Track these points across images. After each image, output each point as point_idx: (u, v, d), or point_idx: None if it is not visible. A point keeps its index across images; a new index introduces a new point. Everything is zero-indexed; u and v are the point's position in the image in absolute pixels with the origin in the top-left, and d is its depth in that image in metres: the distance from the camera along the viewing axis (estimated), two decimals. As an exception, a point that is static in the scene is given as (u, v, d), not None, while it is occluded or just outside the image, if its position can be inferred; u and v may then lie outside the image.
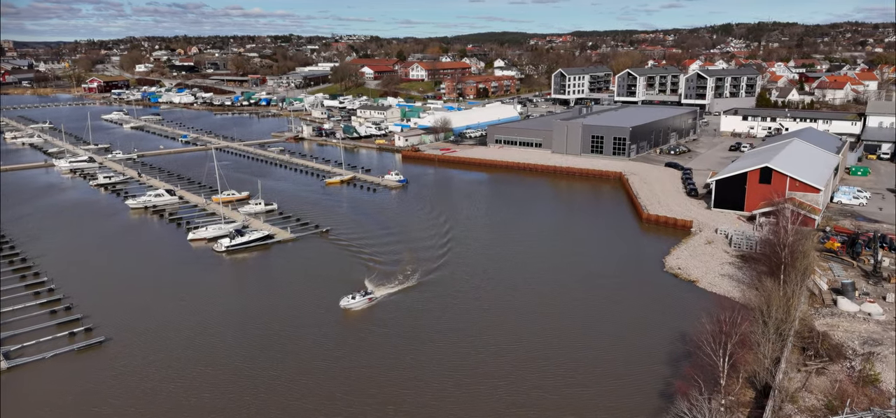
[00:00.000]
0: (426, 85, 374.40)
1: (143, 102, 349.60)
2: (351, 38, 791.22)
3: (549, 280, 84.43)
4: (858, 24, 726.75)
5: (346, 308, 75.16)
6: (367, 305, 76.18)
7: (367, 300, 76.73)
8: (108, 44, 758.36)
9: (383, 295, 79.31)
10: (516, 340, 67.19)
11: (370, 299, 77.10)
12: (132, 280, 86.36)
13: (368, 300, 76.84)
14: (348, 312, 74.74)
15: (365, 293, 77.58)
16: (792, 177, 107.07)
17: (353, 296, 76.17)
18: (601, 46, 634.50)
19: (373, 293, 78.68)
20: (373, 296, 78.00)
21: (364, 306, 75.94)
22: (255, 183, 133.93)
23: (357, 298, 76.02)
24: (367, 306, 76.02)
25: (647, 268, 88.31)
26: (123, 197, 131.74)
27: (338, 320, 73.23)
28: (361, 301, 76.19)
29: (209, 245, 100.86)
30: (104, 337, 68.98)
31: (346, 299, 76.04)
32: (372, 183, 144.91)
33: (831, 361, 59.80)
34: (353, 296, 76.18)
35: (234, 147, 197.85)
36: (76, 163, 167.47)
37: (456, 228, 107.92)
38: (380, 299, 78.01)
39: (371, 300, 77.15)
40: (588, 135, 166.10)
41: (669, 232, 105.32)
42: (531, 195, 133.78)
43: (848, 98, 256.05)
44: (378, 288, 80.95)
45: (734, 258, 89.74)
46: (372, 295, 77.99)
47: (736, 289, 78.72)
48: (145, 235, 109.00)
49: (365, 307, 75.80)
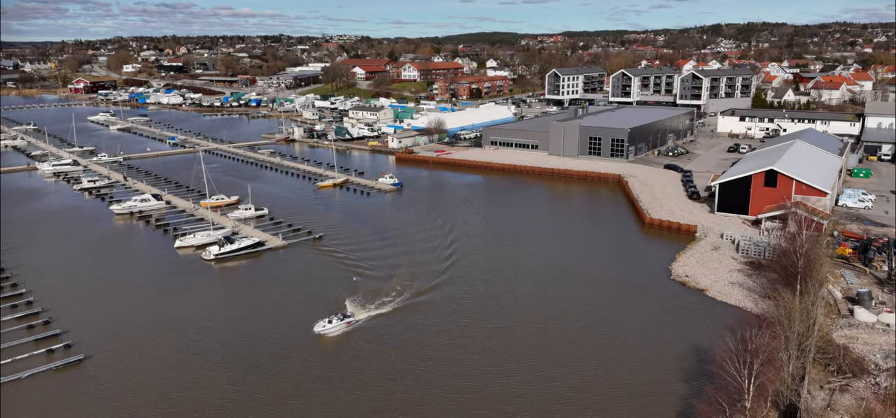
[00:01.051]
0: (418, 85, 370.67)
1: (130, 103, 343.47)
2: (341, 38, 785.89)
3: (552, 292, 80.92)
4: (847, 25, 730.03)
5: (321, 334, 68.13)
6: (346, 330, 69.27)
7: (346, 324, 69.58)
8: (96, 44, 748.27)
9: (365, 318, 72.22)
10: (520, 357, 63.69)
11: (349, 323, 69.94)
12: (115, 292, 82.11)
13: (347, 324, 69.69)
14: (323, 339, 67.83)
15: (343, 316, 70.39)
16: (798, 180, 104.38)
17: (329, 320, 69.21)
18: (592, 47, 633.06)
19: (353, 316, 71.78)
20: (353, 319, 71.01)
21: (342, 331, 68.93)
22: (245, 186, 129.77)
23: (334, 322, 68.97)
24: (345, 331, 69.10)
25: (653, 276, 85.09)
26: (108, 202, 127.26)
27: (313, 345, 66.56)
28: (339, 325, 69.03)
29: (197, 253, 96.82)
30: (83, 354, 64.87)
31: (322, 324, 68.89)
32: (365, 186, 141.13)
33: (854, 377, 56.81)
34: (330, 320, 69.22)
35: (223, 149, 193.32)
36: (60, 166, 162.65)
37: (454, 236, 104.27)
38: (361, 322, 70.91)
39: (350, 324, 69.99)
40: (585, 136, 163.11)
41: (673, 237, 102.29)
42: (529, 199, 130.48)
43: (844, 98, 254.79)
44: (361, 309, 74.04)
45: (743, 265, 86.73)
46: (351, 318, 71.00)
47: (748, 298, 75.69)
48: (130, 243, 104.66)
49: (343, 332, 68.87)
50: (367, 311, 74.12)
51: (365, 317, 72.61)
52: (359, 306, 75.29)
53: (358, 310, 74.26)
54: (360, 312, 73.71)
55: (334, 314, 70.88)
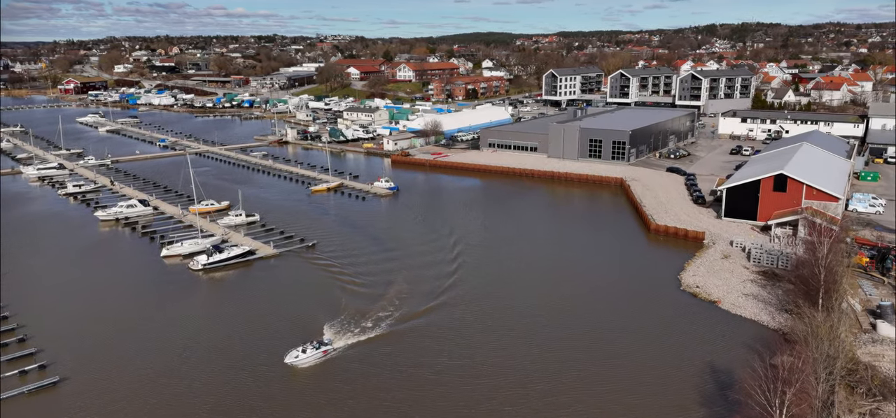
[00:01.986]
0: (414, 86, 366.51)
1: (120, 104, 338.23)
2: (336, 39, 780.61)
3: (558, 307, 76.88)
4: (841, 25, 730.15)
5: (293, 365, 61.27)
6: (322, 360, 62.41)
7: (322, 353, 62.74)
8: (88, 44, 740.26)
9: (344, 346, 65.15)
10: (525, 382, 59.70)
11: (325, 352, 63.06)
12: (96, 306, 77.74)
13: (324, 353, 62.86)
14: (295, 371, 61.01)
15: (319, 344, 63.27)
16: (808, 184, 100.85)
17: (302, 349, 62.30)
18: (587, 47, 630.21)
19: (330, 343, 64.66)
20: (330, 347, 63.88)
21: (317, 361, 62.13)
22: (236, 191, 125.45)
23: (308, 352, 62.07)
24: (321, 361, 62.29)
25: (662, 286, 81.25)
26: (93, 207, 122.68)
27: (282, 378, 59.72)
28: (314, 355, 62.10)
29: (184, 262, 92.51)
30: (59, 376, 60.60)
31: (295, 353, 61.92)
32: (360, 190, 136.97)
33: (884, 400, 53.10)
34: (304, 349, 62.29)
35: (214, 152, 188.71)
36: (45, 169, 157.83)
37: (459, 250, 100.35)
38: (340, 351, 64.05)
39: (326, 353, 63.17)
40: (586, 138, 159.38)
41: (680, 244, 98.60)
42: (530, 203, 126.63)
43: (845, 99, 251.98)
44: (342, 334, 67.36)
45: (756, 275, 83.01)
46: (328, 346, 63.92)
47: (763, 311, 71.93)
48: (114, 251, 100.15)
49: (318, 362, 62.14)
50: (347, 338, 67.15)
51: (344, 346, 65.44)
52: (341, 329, 68.70)
53: (339, 334, 67.53)
54: (341, 338, 66.86)
55: (309, 341, 64.03)
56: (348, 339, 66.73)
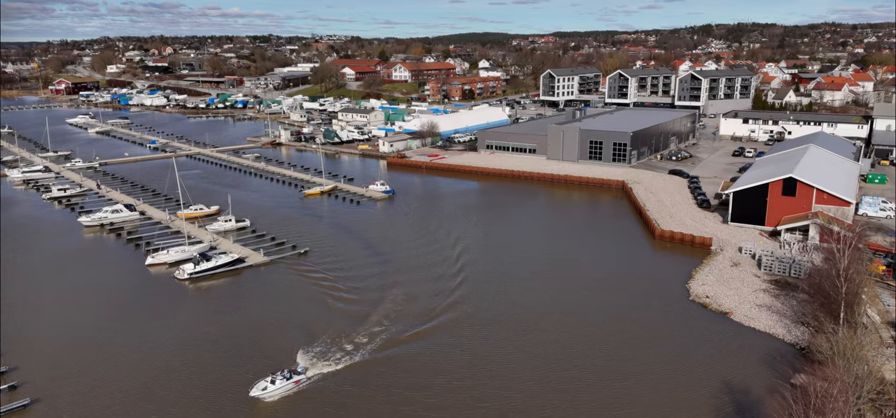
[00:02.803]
0: (410, 86, 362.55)
1: (112, 105, 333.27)
2: (331, 39, 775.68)
3: (563, 319, 73.13)
4: (836, 25, 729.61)
5: (259, 398, 55.27)
6: (292, 391, 56.54)
7: (294, 383, 56.85)
8: (82, 44, 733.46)
9: (320, 373, 59.29)
10: (528, 410, 55.91)
11: (298, 382, 57.13)
12: (74, 320, 73.54)
13: (296, 383, 56.94)
14: (258, 406, 54.92)
15: (290, 374, 57.40)
16: (819, 188, 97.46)
17: (271, 379, 56.41)
18: (583, 47, 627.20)
19: (304, 372, 58.72)
20: (303, 377, 57.98)
21: (286, 393, 56.30)
22: (226, 195, 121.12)
23: (278, 383, 56.04)
24: (291, 392, 56.48)
25: (669, 296, 77.52)
26: (78, 212, 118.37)
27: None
28: (283, 386, 56.17)
29: (170, 271, 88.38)
30: (30, 398, 56.47)
31: (262, 384, 55.82)
32: (355, 194, 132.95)
33: (915, 423, 49.47)
34: (273, 380, 56.37)
35: (205, 154, 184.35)
36: (30, 173, 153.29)
37: (453, 255, 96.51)
38: (314, 381, 58.12)
39: (299, 383, 57.24)
40: (586, 140, 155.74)
41: (686, 250, 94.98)
42: (530, 207, 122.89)
43: (847, 99, 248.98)
44: (318, 361, 61.33)
45: (767, 284, 79.40)
46: (302, 376, 57.94)
47: (778, 324, 68.28)
48: (97, 260, 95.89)
49: (288, 394, 56.31)
50: (326, 365, 61.15)
51: (319, 375, 59.41)
52: (320, 354, 62.89)
53: (317, 360, 61.75)
54: (318, 365, 60.90)
55: (280, 370, 58.44)
56: (326, 367, 60.89)
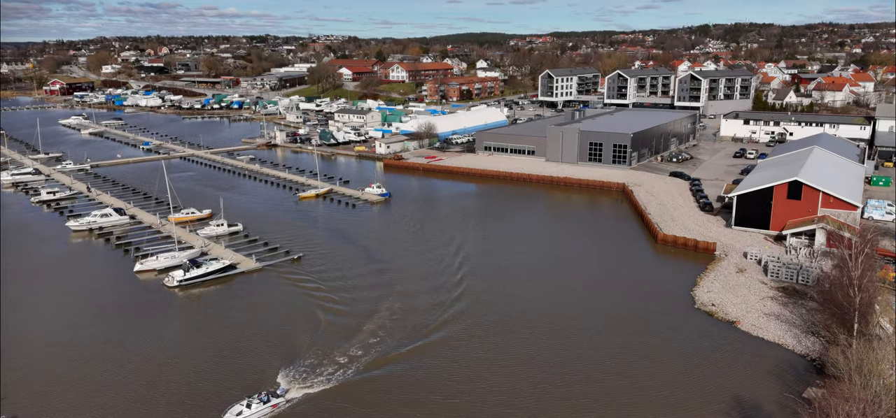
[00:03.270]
0: (407, 87, 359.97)
1: (106, 105, 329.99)
2: (328, 39, 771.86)
3: (565, 330, 70.67)
4: (834, 26, 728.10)
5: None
6: (270, 415, 53.31)
7: (271, 407, 53.59)
8: (78, 44, 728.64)
9: (303, 395, 55.95)
10: None
11: (275, 406, 53.86)
12: (57, 331, 70.84)
13: (273, 406, 53.69)
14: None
15: (268, 397, 54.17)
16: (825, 192, 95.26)
17: (247, 404, 53.18)
18: (581, 47, 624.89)
19: (284, 394, 55.48)
20: (281, 401, 54.55)
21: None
22: (219, 198, 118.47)
23: (253, 408, 52.89)
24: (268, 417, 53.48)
25: (675, 305, 75.12)
26: (66, 216, 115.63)
27: None
28: (259, 411, 52.93)
29: (159, 278, 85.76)
30: (6, 416, 53.85)
31: (237, 409, 52.81)
32: (351, 197, 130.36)
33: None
34: (248, 404, 53.20)
35: (199, 155, 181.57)
36: (20, 175, 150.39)
37: (452, 262, 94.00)
38: (293, 405, 54.82)
39: (276, 407, 53.97)
40: (585, 141, 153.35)
41: (690, 256, 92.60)
42: (529, 210, 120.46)
43: (848, 100, 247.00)
44: (300, 381, 57.93)
45: (775, 291, 77.07)
46: (280, 399, 54.61)
47: (787, 333, 65.95)
48: (84, 266, 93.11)
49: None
50: (308, 385, 57.72)
51: (301, 397, 55.96)
52: (304, 374, 59.39)
53: (299, 381, 58.29)
54: (300, 386, 57.44)
55: (257, 393, 55.03)
56: (311, 388, 57.48)
